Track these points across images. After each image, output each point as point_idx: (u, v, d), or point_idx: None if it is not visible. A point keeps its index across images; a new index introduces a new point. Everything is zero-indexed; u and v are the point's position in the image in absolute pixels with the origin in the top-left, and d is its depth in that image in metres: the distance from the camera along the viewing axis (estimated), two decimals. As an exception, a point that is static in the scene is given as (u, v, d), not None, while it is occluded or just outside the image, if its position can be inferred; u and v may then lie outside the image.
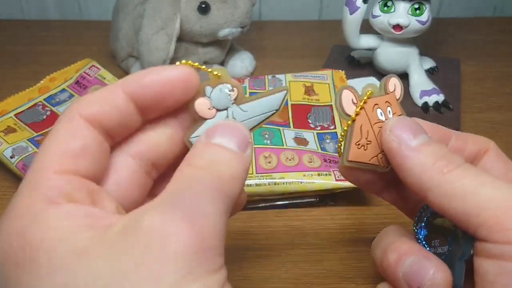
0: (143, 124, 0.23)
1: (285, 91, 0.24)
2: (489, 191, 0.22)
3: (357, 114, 0.25)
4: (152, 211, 0.18)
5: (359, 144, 0.25)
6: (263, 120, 0.24)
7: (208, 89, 0.23)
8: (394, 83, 0.27)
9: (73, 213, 0.19)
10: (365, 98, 0.25)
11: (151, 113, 0.22)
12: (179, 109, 0.23)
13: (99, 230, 0.18)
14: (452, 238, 0.25)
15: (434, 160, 0.23)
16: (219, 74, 0.23)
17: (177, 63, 0.23)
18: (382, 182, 0.29)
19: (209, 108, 0.23)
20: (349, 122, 0.25)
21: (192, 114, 0.23)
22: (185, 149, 0.23)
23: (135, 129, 0.23)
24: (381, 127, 0.25)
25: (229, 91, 0.23)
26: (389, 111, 0.26)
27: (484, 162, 0.27)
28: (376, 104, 0.25)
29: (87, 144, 0.20)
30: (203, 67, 0.23)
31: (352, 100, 0.25)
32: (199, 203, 0.19)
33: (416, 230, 0.27)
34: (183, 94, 0.22)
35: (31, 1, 0.82)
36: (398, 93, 0.27)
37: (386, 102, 0.26)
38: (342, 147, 0.25)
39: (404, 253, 0.25)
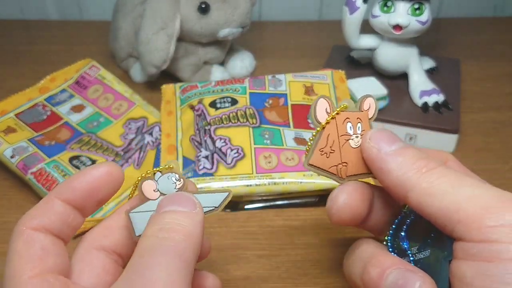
0: (110, 219, 0.26)
1: (227, 193, 0.26)
2: (468, 189, 0.22)
3: (327, 123, 0.26)
4: None
5: (322, 151, 0.26)
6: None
7: (158, 174, 0.25)
8: (369, 103, 0.28)
9: None
10: (338, 109, 0.26)
11: (88, 209, 0.25)
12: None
13: None
14: (432, 240, 0.25)
15: (413, 161, 0.24)
16: (171, 166, 0.25)
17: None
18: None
19: (154, 190, 0.25)
20: (318, 129, 0.26)
21: (139, 194, 0.25)
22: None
23: (81, 225, 0.25)
24: (347, 140, 0.26)
25: (176, 180, 0.25)
26: (359, 127, 0.27)
27: None
28: (347, 118, 0.27)
29: (45, 245, 0.23)
30: (160, 168, 0.26)
31: (326, 109, 0.26)
32: (150, 270, 0.20)
33: (388, 242, 0.27)
34: (110, 187, 0.25)
35: (31, 1, 0.82)
36: (372, 112, 0.28)
37: (358, 118, 0.27)
38: (308, 149, 0.26)
39: (387, 267, 0.24)
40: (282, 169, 0.43)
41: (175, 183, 0.25)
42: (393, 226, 0.27)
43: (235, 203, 0.44)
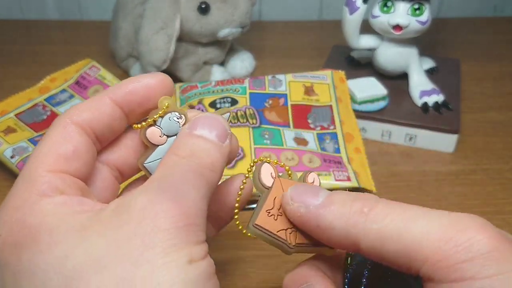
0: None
1: (228, 113, 0.26)
2: (422, 223, 0.20)
3: (273, 184, 0.25)
4: (142, 194, 0.20)
5: (269, 212, 0.24)
6: None
7: (158, 119, 0.25)
8: (313, 177, 0.26)
9: (67, 202, 0.21)
10: (289, 172, 0.26)
11: (134, 116, 0.25)
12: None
13: (93, 212, 0.20)
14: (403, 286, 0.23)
15: (349, 205, 0.22)
16: (166, 105, 0.25)
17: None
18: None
19: (160, 136, 0.25)
20: (263, 192, 0.25)
21: (144, 142, 0.25)
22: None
23: (120, 132, 0.25)
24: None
25: (177, 118, 0.25)
26: None
27: None
28: (289, 186, 0.25)
29: (78, 148, 0.22)
30: (161, 110, 0.25)
31: (271, 173, 0.25)
32: (182, 186, 0.21)
33: None
34: (162, 95, 0.25)
35: (31, 1, 0.82)
36: (317, 184, 0.26)
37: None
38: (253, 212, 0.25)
39: None
40: (282, 169, 0.43)
41: (178, 121, 0.25)
42: (346, 286, 0.25)
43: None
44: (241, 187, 0.26)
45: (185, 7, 0.56)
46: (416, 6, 0.51)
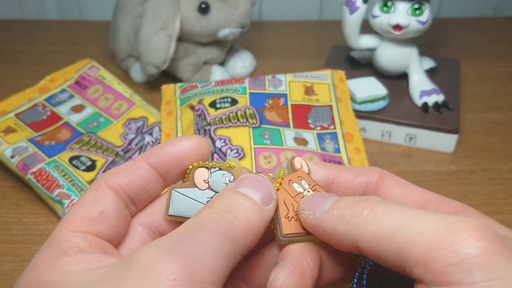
0: (158, 197, 0.26)
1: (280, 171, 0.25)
2: (417, 224, 0.20)
3: (277, 189, 0.25)
4: (152, 248, 0.20)
5: (288, 217, 0.25)
6: None
7: (215, 168, 0.25)
8: (299, 161, 0.27)
9: (85, 259, 0.21)
10: (281, 175, 0.26)
11: (171, 179, 0.25)
12: None
13: (106, 268, 0.20)
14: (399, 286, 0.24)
15: (349, 209, 0.22)
16: (232, 166, 0.25)
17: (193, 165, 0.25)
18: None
19: (204, 181, 0.25)
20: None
21: (187, 175, 0.25)
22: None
23: (158, 194, 0.25)
24: (302, 197, 0.26)
25: (229, 181, 0.25)
26: (304, 183, 0.26)
27: (382, 190, 0.26)
28: (290, 180, 0.26)
29: (106, 210, 0.23)
30: (224, 164, 0.25)
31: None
32: (199, 245, 0.20)
33: None
34: (197, 159, 0.25)
35: (31, 1, 0.82)
36: (306, 168, 0.27)
37: (299, 176, 0.26)
38: (274, 227, 0.25)
39: None
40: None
41: (227, 183, 0.25)
42: (355, 279, 0.26)
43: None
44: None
45: (185, 7, 0.56)
46: (416, 6, 0.51)
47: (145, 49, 0.56)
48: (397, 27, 0.52)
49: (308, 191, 0.26)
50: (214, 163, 0.25)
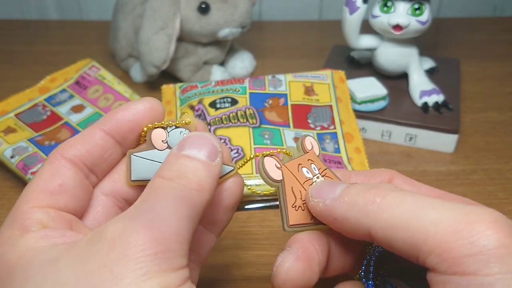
0: (117, 164, 0.25)
1: (232, 168, 0.25)
2: (432, 213, 0.20)
3: (283, 177, 0.24)
4: (115, 221, 0.20)
5: (295, 206, 0.24)
6: None
7: (172, 127, 0.25)
8: (310, 142, 0.26)
9: (49, 234, 0.21)
10: (287, 160, 0.25)
11: (128, 144, 0.25)
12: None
13: (70, 244, 0.20)
14: (414, 277, 0.23)
15: (362, 195, 0.22)
16: (187, 121, 0.25)
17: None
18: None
19: (163, 141, 0.25)
20: (275, 188, 0.24)
21: (142, 138, 0.25)
22: None
23: (117, 162, 0.25)
24: (311, 184, 0.25)
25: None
26: (314, 168, 0.26)
27: None
28: (300, 164, 0.25)
29: (65, 182, 0.23)
30: (179, 121, 0.25)
31: (275, 165, 0.25)
32: (160, 210, 0.20)
33: (365, 282, 0.25)
34: (152, 122, 0.25)
35: (31, 1, 0.82)
36: (316, 150, 0.26)
37: (309, 160, 0.26)
38: (281, 212, 0.25)
39: None
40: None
41: None
42: (363, 267, 0.25)
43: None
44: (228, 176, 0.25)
45: (185, 7, 0.56)
46: (416, 6, 0.51)
47: (145, 49, 0.56)
48: (397, 27, 0.52)
49: (318, 177, 0.25)
50: (170, 122, 0.25)
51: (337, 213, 0.23)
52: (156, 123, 0.25)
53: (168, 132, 0.25)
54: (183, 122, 0.25)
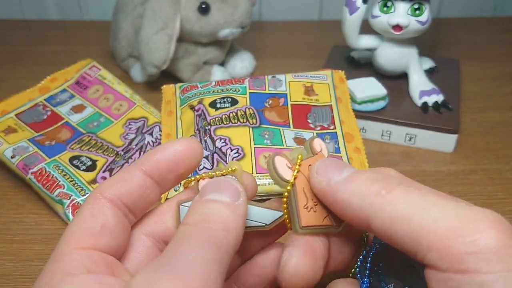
0: (161, 206, 0.26)
1: (281, 214, 0.24)
2: (435, 210, 0.20)
3: (295, 178, 0.24)
4: (141, 272, 0.20)
5: (307, 208, 0.24)
6: (249, 227, 0.24)
7: (217, 176, 0.24)
8: (319, 143, 0.26)
9: (87, 281, 0.20)
10: (299, 161, 0.25)
11: (167, 184, 0.25)
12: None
13: None
14: (407, 273, 0.23)
15: (368, 185, 0.22)
16: (234, 168, 0.24)
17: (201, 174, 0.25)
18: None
19: None
20: (288, 188, 0.24)
21: (196, 189, 0.25)
22: None
23: (155, 201, 0.25)
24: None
25: None
26: None
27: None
28: (310, 165, 0.25)
29: (107, 222, 0.23)
30: (226, 169, 0.25)
31: (286, 165, 0.25)
32: (185, 257, 0.20)
33: (360, 279, 0.25)
34: (191, 162, 0.25)
35: (31, 1, 0.82)
36: (325, 152, 0.26)
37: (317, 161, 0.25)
38: (288, 216, 0.24)
39: None
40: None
41: None
42: (359, 262, 0.25)
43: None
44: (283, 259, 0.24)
45: (185, 7, 0.56)
46: (416, 6, 0.52)
47: (145, 49, 0.56)
48: (397, 27, 0.52)
49: None
50: (216, 172, 0.25)
51: (339, 196, 0.23)
52: (203, 174, 0.25)
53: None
54: (230, 169, 0.25)
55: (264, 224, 0.24)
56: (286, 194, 0.24)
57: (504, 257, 0.18)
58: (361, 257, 0.25)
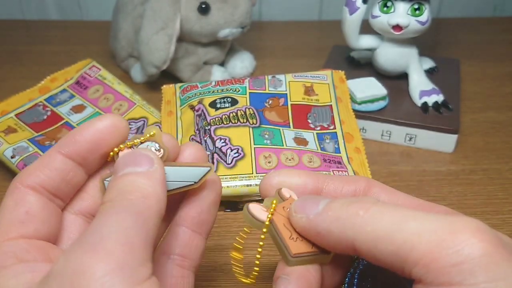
0: (86, 181, 0.25)
1: (208, 168, 0.25)
2: (415, 224, 0.20)
3: (272, 214, 0.24)
4: (61, 254, 0.19)
5: (293, 238, 0.24)
6: (178, 188, 0.24)
7: (136, 145, 0.24)
8: (287, 191, 0.26)
9: (20, 271, 0.20)
10: (274, 204, 0.25)
11: (91, 164, 0.24)
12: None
13: (38, 283, 0.19)
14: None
15: (345, 209, 0.22)
16: (152, 133, 0.24)
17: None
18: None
19: None
20: (267, 223, 0.24)
21: (109, 157, 0.24)
22: None
23: (82, 183, 0.25)
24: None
25: (155, 150, 0.24)
26: None
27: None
28: (284, 206, 0.25)
29: (31, 209, 0.22)
30: (144, 136, 0.25)
31: (261, 209, 0.25)
32: (102, 228, 0.19)
33: None
34: (114, 140, 0.24)
35: (31, 1, 0.82)
36: (295, 197, 0.26)
37: (290, 203, 0.26)
38: (279, 249, 0.25)
39: None
40: (282, 169, 0.43)
41: (154, 152, 0.24)
42: (347, 279, 0.26)
43: (235, 203, 0.44)
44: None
45: (185, 7, 0.56)
46: (416, 6, 0.52)
47: (145, 49, 0.56)
48: (397, 27, 0.52)
49: None
50: (135, 140, 0.24)
51: (320, 227, 0.23)
52: (121, 145, 0.24)
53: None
54: (148, 135, 0.24)
55: (193, 182, 0.24)
56: (264, 230, 0.24)
57: (487, 266, 0.18)
58: (349, 273, 0.25)
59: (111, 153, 0.24)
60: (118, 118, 0.24)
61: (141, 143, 0.24)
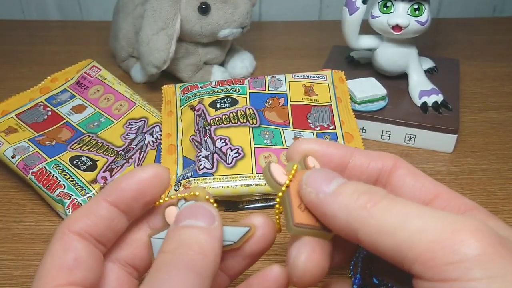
0: (127, 230, 0.25)
1: (248, 228, 0.25)
2: (418, 222, 0.20)
3: (290, 181, 0.25)
4: None
5: (301, 207, 0.24)
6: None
7: (182, 201, 0.25)
8: (312, 160, 0.26)
9: None
10: (294, 167, 0.25)
11: (134, 212, 0.25)
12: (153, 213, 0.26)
13: None
14: (401, 273, 0.23)
15: (355, 198, 0.22)
16: (196, 194, 0.25)
17: (160, 200, 0.26)
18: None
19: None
20: (283, 188, 0.24)
21: (161, 219, 0.25)
22: None
23: (123, 231, 0.25)
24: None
25: None
26: None
27: (395, 179, 0.26)
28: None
29: (79, 256, 0.22)
30: (185, 194, 0.25)
31: (281, 172, 0.25)
32: (164, 284, 0.20)
33: (352, 279, 0.25)
34: (158, 189, 0.25)
35: (31, 1, 0.82)
36: (318, 167, 0.26)
37: None
38: (282, 215, 0.25)
39: None
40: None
41: None
42: (351, 267, 0.26)
43: (235, 203, 0.44)
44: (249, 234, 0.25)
45: (186, 8, 0.56)
46: (416, 6, 0.52)
47: (145, 49, 0.56)
48: (397, 27, 0.52)
49: None
50: (179, 196, 0.25)
51: (327, 209, 0.23)
52: (166, 198, 0.25)
53: (180, 207, 0.25)
54: (192, 194, 0.25)
55: (232, 242, 0.25)
56: (280, 194, 0.24)
57: (484, 264, 0.19)
58: (352, 261, 0.26)
59: (157, 203, 0.25)
60: (162, 168, 0.25)
61: (185, 200, 0.25)
